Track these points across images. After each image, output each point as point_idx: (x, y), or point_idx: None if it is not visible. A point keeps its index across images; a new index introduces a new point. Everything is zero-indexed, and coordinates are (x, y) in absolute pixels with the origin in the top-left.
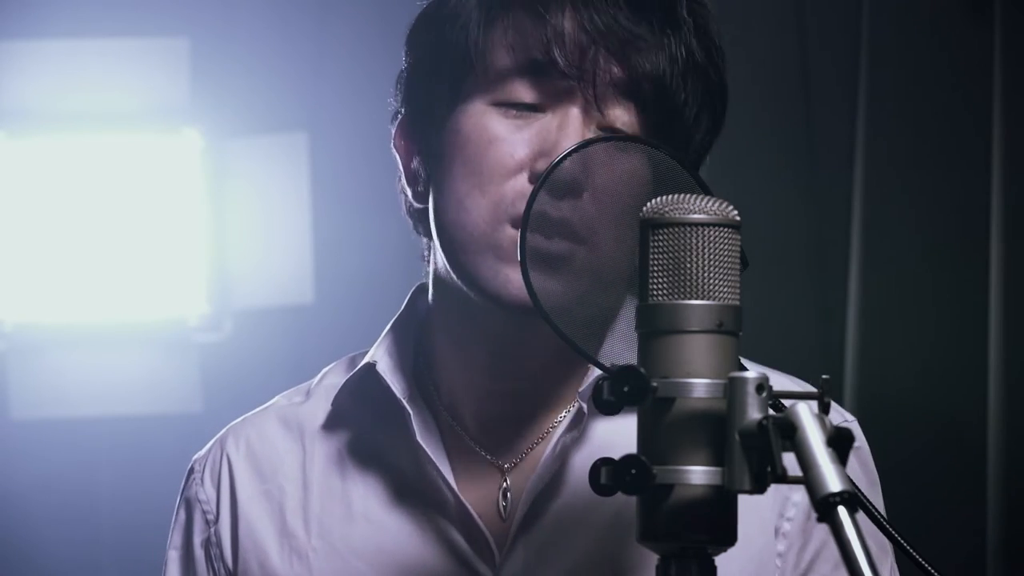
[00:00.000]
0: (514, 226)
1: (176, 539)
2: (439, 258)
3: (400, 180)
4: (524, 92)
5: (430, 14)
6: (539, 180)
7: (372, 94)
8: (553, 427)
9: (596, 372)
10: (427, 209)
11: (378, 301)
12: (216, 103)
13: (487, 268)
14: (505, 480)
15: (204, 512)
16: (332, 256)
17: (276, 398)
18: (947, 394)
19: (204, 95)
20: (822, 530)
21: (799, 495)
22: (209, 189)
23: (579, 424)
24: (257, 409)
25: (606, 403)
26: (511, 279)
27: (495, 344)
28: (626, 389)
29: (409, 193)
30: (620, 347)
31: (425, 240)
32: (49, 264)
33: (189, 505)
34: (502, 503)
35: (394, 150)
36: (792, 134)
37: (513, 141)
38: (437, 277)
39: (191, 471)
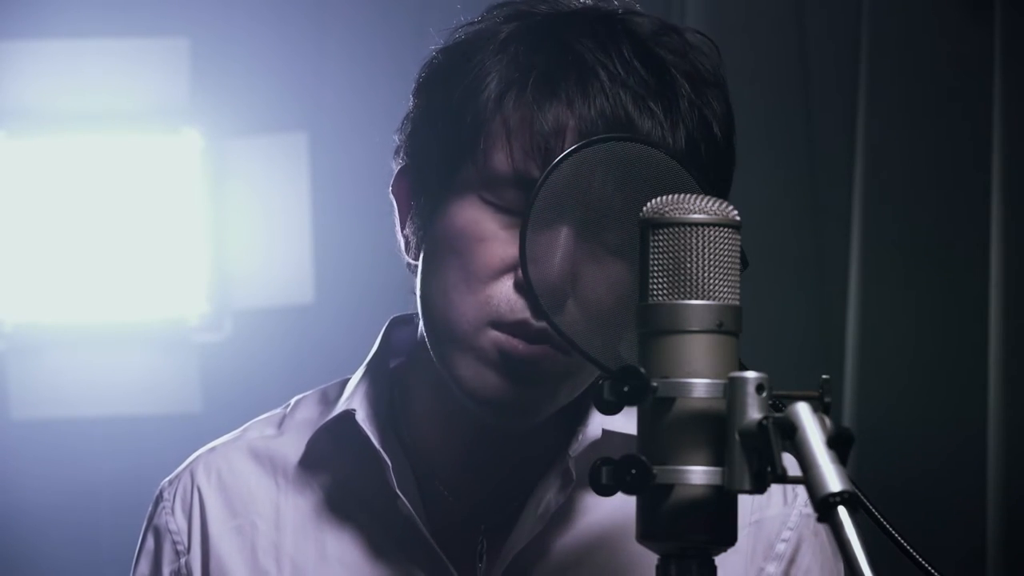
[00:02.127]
0: (496, 329)
1: (143, 567)
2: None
3: (396, 223)
4: (518, 199)
5: (447, 71)
6: (534, 191)
7: (372, 94)
8: (535, 487)
9: (587, 440)
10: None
11: (378, 301)
12: (216, 103)
13: (466, 367)
14: (483, 541)
15: (175, 543)
16: (332, 256)
17: (247, 427)
18: (947, 395)
19: (204, 95)
20: None
21: (773, 567)
22: (209, 189)
23: (565, 488)
24: (227, 437)
25: (606, 403)
26: (487, 382)
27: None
28: (626, 389)
29: (402, 244)
30: None
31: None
32: (49, 264)
33: (158, 533)
34: (478, 564)
35: (392, 196)
36: (792, 134)
37: (503, 240)
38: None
39: (160, 498)
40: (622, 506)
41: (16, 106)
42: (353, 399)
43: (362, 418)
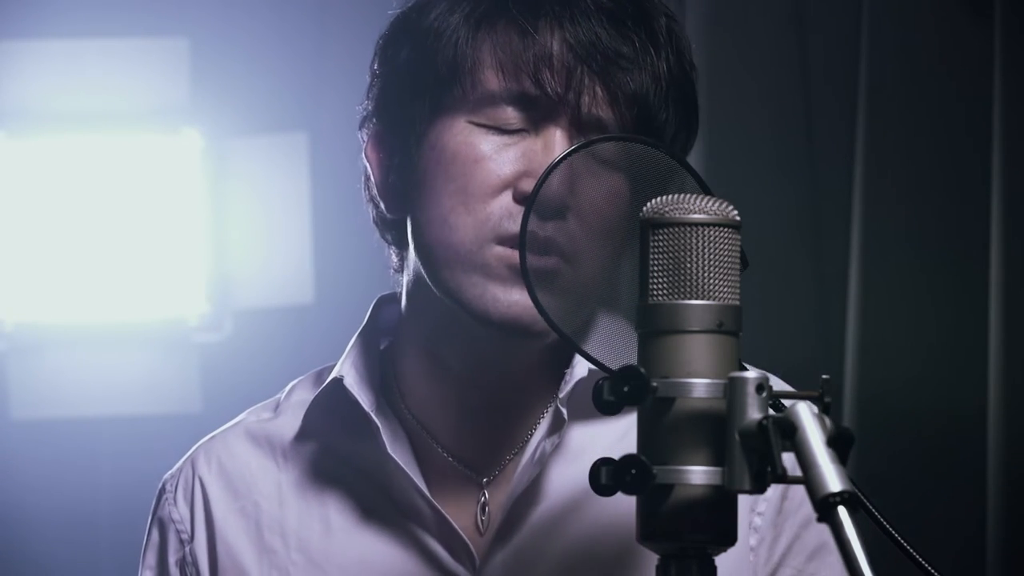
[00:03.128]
0: (500, 244)
1: (150, 559)
2: (414, 269)
3: (371, 190)
4: (511, 117)
5: (409, 26)
6: (540, 178)
7: None
8: (530, 434)
9: (574, 379)
10: (402, 221)
11: None
12: (216, 103)
13: (473, 287)
14: (484, 494)
15: (178, 532)
16: (332, 256)
17: (243, 415)
18: (947, 394)
19: (204, 95)
20: (794, 524)
21: (770, 491)
22: (209, 189)
23: (558, 429)
24: (225, 426)
25: (606, 403)
26: (498, 298)
27: (474, 357)
28: (626, 389)
29: (383, 205)
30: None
31: (396, 251)
32: (49, 264)
33: (162, 525)
34: (481, 517)
35: (365, 160)
36: (792, 134)
37: (499, 160)
38: (413, 288)
39: (162, 491)
40: (619, 450)
41: (16, 106)
42: (343, 368)
43: (350, 383)
